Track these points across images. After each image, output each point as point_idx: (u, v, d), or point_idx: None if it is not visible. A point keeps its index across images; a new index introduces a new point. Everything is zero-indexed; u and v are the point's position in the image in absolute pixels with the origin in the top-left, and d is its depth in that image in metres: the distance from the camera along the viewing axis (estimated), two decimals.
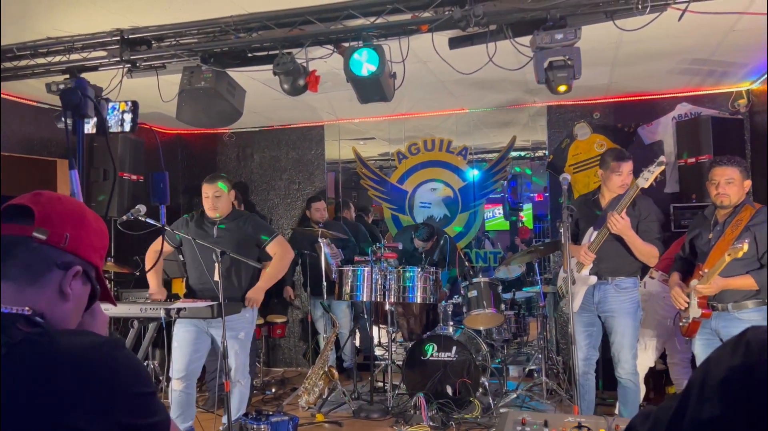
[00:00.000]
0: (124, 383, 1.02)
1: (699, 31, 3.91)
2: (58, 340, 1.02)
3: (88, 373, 0.99)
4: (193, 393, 4.15)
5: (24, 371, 0.96)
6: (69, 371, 0.98)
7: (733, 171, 3.55)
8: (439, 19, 3.20)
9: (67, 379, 0.97)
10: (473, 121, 6.64)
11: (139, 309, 3.47)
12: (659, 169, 3.72)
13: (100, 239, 1.20)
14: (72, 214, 1.14)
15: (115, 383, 1.01)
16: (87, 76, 3.93)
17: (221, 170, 7.23)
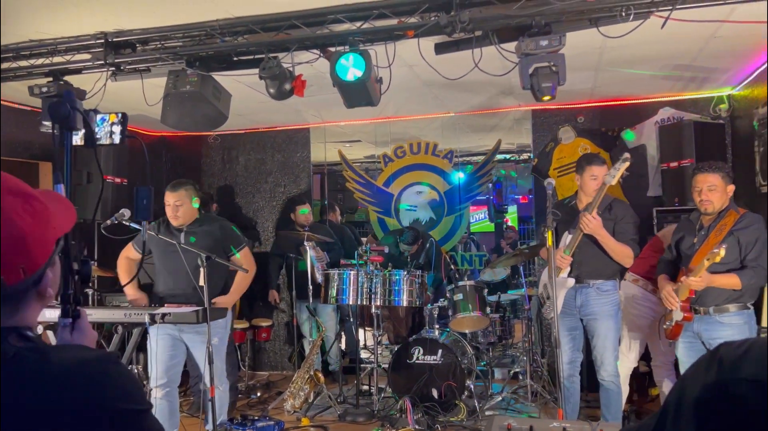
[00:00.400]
0: (114, 399, 1.00)
1: (681, 37, 3.95)
2: (49, 356, 1.01)
3: (78, 389, 0.97)
4: (175, 400, 4.11)
5: (15, 387, 0.95)
6: (59, 387, 0.97)
7: (715, 177, 3.59)
8: (426, 24, 3.22)
9: (56, 396, 0.96)
10: (459, 124, 6.67)
11: (123, 315, 3.44)
12: (624, 165, 3.77)
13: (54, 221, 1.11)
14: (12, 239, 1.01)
15: (105, 400, 0.99)
16: (71, 79, 3.92)
17: (206, 173, 7.20)
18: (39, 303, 1.10)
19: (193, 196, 4.14)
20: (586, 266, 4.03)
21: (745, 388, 0.93)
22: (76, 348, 1.16)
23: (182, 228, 4.09)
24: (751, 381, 0.93)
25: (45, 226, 1.07)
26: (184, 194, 4.04)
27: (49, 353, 1.02)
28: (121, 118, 1.95)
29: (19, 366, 0.97)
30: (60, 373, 0.99)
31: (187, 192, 4.07)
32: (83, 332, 1.36)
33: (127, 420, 1.01)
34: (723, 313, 3.57)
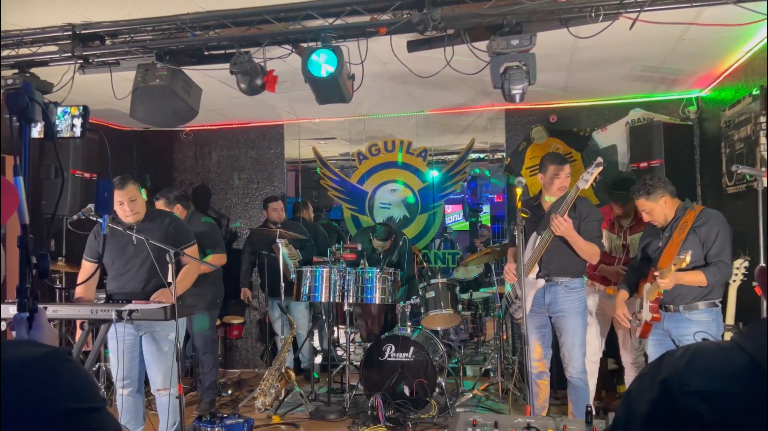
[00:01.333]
0: (65, 398, 0.97)
1: (650, 39, 4.01)
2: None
3: (25, 388, 0.95)
4: (140, 398, 4.02)
5: None
6: (7, 386, 0.93)
7: (642, 202, 3.70)
8: (398, 22, 3.22)
9: (6, 395, 0.93)
10: (433, 123, 6.69)
11: (89, 311, 3.39)
12: (597, 170, 3.84)
13: None
14: None
15: (53, 399, 0.96)
16: (37, 71, 3.85)
17: (178, 169, 7.12)
18: None
19: (140, 187, 3.94)
20: (553, 264, 4.09)
21: (695, 401, 0.92)
22: (25, 344, 1.13)
23: (134, 225, 3.89)
24: (699, 393, 0.93)
25: None
26: (134, 188, 3.83)
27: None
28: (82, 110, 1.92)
29: None
30: (8, 371, 0.96)
31: (135, 185, 3.87)
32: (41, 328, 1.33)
33: (78, 419, 0.98)
34: (692, 311, 3.64)
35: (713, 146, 5.19)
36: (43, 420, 0.94)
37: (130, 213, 3.83)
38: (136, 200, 3.85)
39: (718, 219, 3.62)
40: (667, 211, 3.69)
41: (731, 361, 0.97)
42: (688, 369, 0.98)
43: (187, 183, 7.08)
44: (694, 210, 3.65)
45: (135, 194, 3.84)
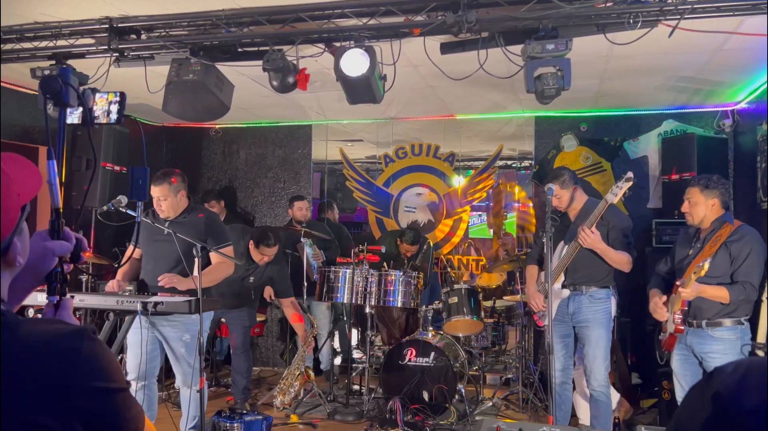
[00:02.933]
0: (84, 377, 0.96)
1: (688, 48, 3.94)
2: (20, 330, 0.97)
3: (46, 365, 0.94)
4: (153, 393, 4.03)
5: None
6: (28, 363, 0.93)
7: (694, 191, 3.61)
8: (432, 23, 3.20)
9: (24, 371, 0.92)
10: (461, 128, 6.65)
11: (115, 302, 3.41)
12: (627, 184, 3.79)
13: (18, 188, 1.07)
14: None
15: (73, 376, 0.95)
16: (74, 63, 3.90)
17: (206, 165, 7.18)
18: (8, 273, 1.06)
19: (179, 189, 3.98)
20: (578, 273, 4.03)
21: (751, 421, 0.89)
22: (51, 322, 1.12)
23: (167, 219, 3.99)
24: (754, 411, 0.90)
25: (6, 194, 1.03)
26: (168, 188, 3.91)
27: (20, 326, 0.98)
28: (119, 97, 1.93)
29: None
30: (29, 347, 0.95)
31: (171, 186, 3.93)
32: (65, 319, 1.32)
33: (97, 398, 0.97)
34: (715, 327, 3.55)
35: (748, 160, 5.08)
36: (64, 396, 0.94)
37: (158, 209, 3.96)
38: (165, 200, 3.93)
39: (752, 238, 3.52)
40: (709, 214, 3.59)
41: None
42: (743, 387, 0.94)
43: (214, 180, 7.14)
44: (732, 225, 3.56)
45: (167, 194, 3.91)
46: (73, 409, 0.94)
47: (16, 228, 1.05)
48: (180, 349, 3.90)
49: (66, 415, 0.93)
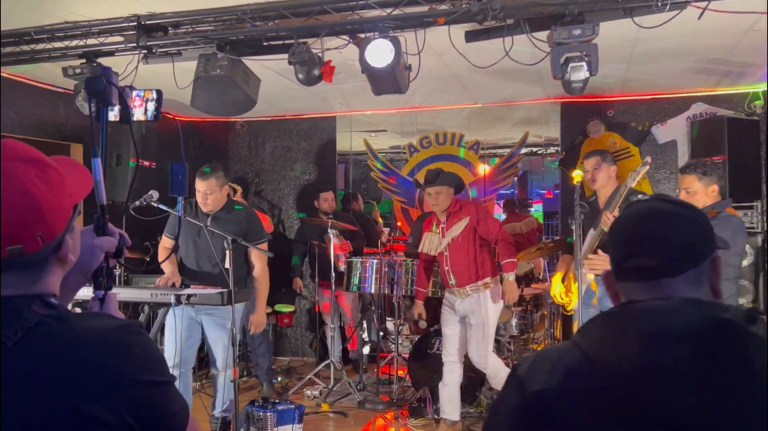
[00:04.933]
0: (135, 370, 1.00)
1: (717, 30, 3.87)
2: (72, 324, 1.01)
3: (98, 358, 0.97)
4: (188, 380, 4.15)
5: (37, 355, 0.95)
6: (80, 356, 0.97)
7: (692, 179, 3.51)
8: (456, 11, 3.19)
9: (77, 364, 0.96)
10: (486, 115, 6.62)
11: (149, 294, 3.49)
12: (645, 168, 3.73)
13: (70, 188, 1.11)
14: (25, 207, 1.00)
15: (125, 370, 0.99)
16: (103, 61, 3.97)
17: (233, 159, 7.25)
18: (60, 269, 1.10)
19: (223, 183, 4.12)
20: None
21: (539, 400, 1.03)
22: (101, 316, 1.16)
23: (210, 213, 4.10)
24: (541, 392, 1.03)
25: (61, 193, 1.07)
26: (214, 183, 4.02)
27: (72, 320, 1.02)
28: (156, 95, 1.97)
29: (42, 333, 0.97)
30: (81, 341, 0.99)
31: (217, 180, 4.05)
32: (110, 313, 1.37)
33: (148, 391, 1.01)
34: None
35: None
36: (117, 389, 0.97)
37: (203, 203, 4.06)
38: (212, 194, 4.02)
39: (728, 226, 3.30)
40: (708, 201, 3.46)
41: (567, 358, 1.06)
42: (529, 373, 1.08)
43: (241, 173, 7.21)
44: (714, 212, 3.42)
45: (213, 188, 4.01)
46: (124, 401, 0.97)
47: (68, 226, 1.08)
48: (223, 335, 4.00)
49: (117, 407, 0.96)
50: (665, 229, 1.15)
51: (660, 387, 0.95)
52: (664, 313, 1.03)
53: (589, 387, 1.00)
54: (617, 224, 1.21)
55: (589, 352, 1.04)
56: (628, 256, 1.15)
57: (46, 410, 0.93)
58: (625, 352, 0.99)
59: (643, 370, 0.96)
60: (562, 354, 1.08)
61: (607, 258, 3.37)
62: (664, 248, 1.13)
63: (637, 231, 1.16)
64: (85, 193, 1.17)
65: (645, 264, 1.12)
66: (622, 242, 1.17)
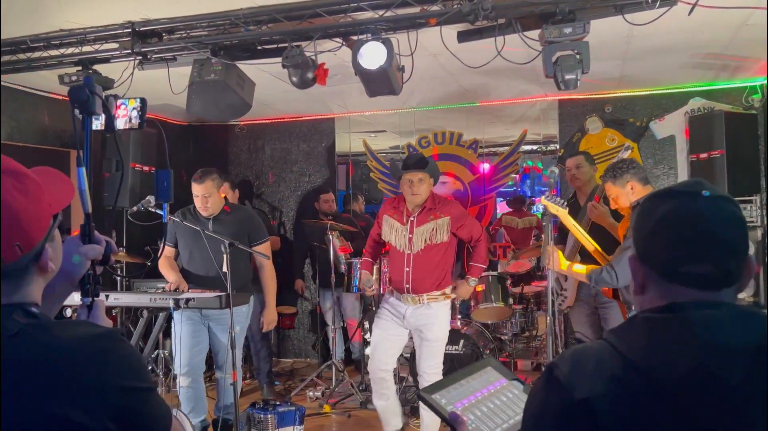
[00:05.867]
0: (116, 376, 1.01)
1: (711, 25, 3.87)
2: (53, 332, 1.03)
3: (79, 366, 0.99)
4: (200, 386, 4.16)
5: (18, 363, 0.96)
6: (61, 363, 0.98)
7: (609, 187, 3.51)
8: (448, 12, 3.20)
9: (59, 371, 0.97)
10: (484, 114, 6.63)
11: (148, 299, 3.51)
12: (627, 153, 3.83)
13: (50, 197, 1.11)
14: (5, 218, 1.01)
15: (106, 376, 1.00)
16: (99, 68, 4.00)
17: (233, 162, 7.27)
18: (41, 278, 1.12)
19: (220, 185, 4.16)
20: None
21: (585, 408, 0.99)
22: (82, 324, 1.18)
23: (210, 217, 4.12)
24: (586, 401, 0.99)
25: (39, 203, 1.08)
26: (211, 185, 4.04)
27: (53, 329, 1.04)
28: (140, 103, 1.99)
29: (22, 342, 0.99)
30: (63, 349, 1.00)
31: (214, 182, 4.07)
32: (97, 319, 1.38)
33: (129, 397, 1.02)
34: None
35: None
36: (97, 394, 0.99)
37: (203, 207, 4.06)
38: (210, 196, 4.04)
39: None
40: (633, 198, 3.43)
41: (609, 363, 1.02)
42: (571, 377, 1.03)
43: (241, 176, 7.23)
44: None
45: (211, 191, 4.04)
46: (105, 407, 0.99)
47: (47, 235, 1.10)
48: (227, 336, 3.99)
49: (98, 413, 0.98)
50: (734, 236, 1.05)
51: (711, 400, 0.93)
52: (719, 325, 0.98)
53: (637, 394, 0.97)
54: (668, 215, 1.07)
55: (632, 357, 0.99)
56: (687, 259, 1.04)
57: (27, 418, 0.94)
58: (676, 361, 0.96)
59: (695, 382, 0.94)
60: (602, 357, 1.03)
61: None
62: (733, 258, 1.04)
63: (704, 233, 1.04)
64: (65, 202, 1.18)
65: (709, 274, 1.03)
66: (678, 240, 1.05)
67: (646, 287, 1.10)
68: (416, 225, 3.89)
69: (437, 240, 3.85)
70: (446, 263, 3.96)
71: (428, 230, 3.86)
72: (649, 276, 1.09)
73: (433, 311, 3.89)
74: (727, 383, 0.93)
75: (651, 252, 1.08)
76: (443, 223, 3.86)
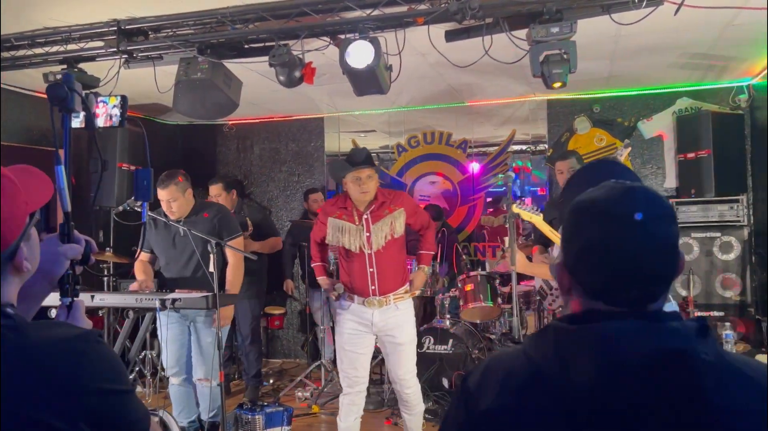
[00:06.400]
0: (91, 379, 0.99)
1: (697, 25, 3.89)
2: (28, 333, 1.01)
3: (54, 367, 0.97)
4: (190, 387, 4.14)
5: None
6: (35, 365, 0.96)
7: (564, 164, 3.60)
8: (435, 11, 3.19)
9: (32, 373, 0.95)
10: (473, 114, 6.63)
11: (134, 300, 3.48)
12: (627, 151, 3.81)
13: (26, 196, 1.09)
14: None
15: (81, 378, 0.98)
16: (84, 66, 3.96)
17: (221, 161, 7.24)
18: (17, 278, 1.09)
19: (186, 188, 4.04)
20: None
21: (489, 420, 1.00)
22: (58, 325, 1.15)
23: (179, 220, 4.04)
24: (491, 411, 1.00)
25: (13, 202, 1.05)
26: (175, 189, 3.95)
27: (28, 330, 1.01)
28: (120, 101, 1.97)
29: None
30: (38, 351, 0.98)
31: (178, 186, 3.98)
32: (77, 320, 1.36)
33: (104, 400, 1.00)
34: None
35: (765, 135, 5.01)
36: (71, 397, 0.97)
37: (168, 211, 4.00)
38: (176, 200, 3.97)
39: None
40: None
41: (519, 371, 1.01)
42: (480, 386, 1.04)
43: (230, 176, 7.19)
44: None
45: (176, 195, 3.95)
46: (79, 410, 0.97)
47: (22, 234, 1.08)
48: (207, 339, 3.97)
49: (72, 416, 0.96)
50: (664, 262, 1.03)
51: (609, 415, 0.93)
52: (621, 338, 0.97)
53: (540, 405, 0.97)
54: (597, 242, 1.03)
55: (541, 365, 1.00)
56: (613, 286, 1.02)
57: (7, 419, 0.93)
58: (578, 374, 0.96)
59: (595, 395, 0.94)
60: (513, 366, 1.03)
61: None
62: (662, 284, 1.04)
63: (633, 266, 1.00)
64: (42, 201, 1.16)
65: (636, 298, 1.01)
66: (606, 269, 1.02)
67: (571, 292, 1.09)
68: (372, 222, 3.64)
69: (397, 234, 3.65)
70: (404, 258, 3.78)
71: (387, 224, 3.64)
72: (574, 285, 1.08)
73: (401, 312, 3.71)
74: (624, 401, 0.93)
75: (578, 271, 1.06)
76: (399, 215, 3.66)
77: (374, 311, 3.65)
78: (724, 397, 0.93)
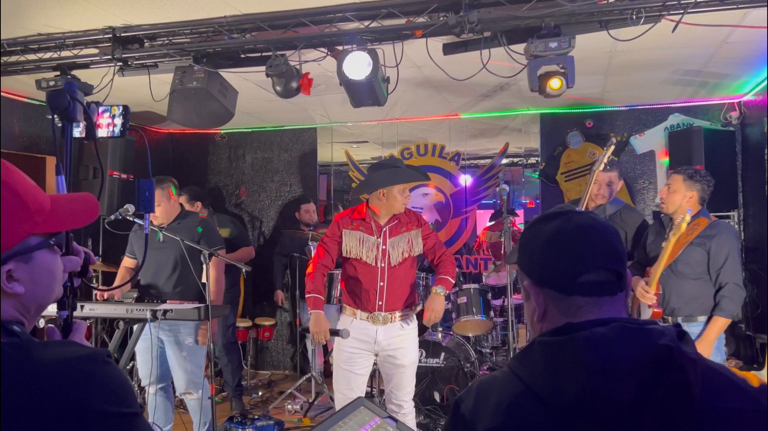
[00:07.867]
0: (99, 401, 0.96)
1: (692, 42, 3.92)
2: (33, 352, 0.97)
3: (60, 389, 0.94)
4: (168, 396, 4.09)
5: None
6: (40, 385, 0.93)
7: (677, 180, 3.55)
8: (434, 24, 3.20)
9: (38, 394, 0.92)
10: (466, 127, 6.64)
11: (125, 310, 3.42)
12: (610, 149, 3.81)
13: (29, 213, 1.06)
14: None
15: (88, 400, 0.95)
16: (78, 73, 3.92)
17: (213, 170, 7.19)
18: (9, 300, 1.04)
19: (171, 193, 4.03)
20: None
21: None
22: (64, 344, 1.11)
23: (162, 225, 4.00)
24: None
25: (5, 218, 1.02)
26: (160, 194, 3.93)
27: (33, 349, 0.98)
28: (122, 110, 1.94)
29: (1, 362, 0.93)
30: (42, 371, 0.95)
31: (163, 191, 3.96)
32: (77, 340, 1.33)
33: (111, 423, 0.97)
34: (690, 322, 3.46)
35: (756, 153, 5.05)
36: (78, 419, 0.93)
37: (153, 216, 3.94)
38: (160, 205, 3.94)
39: (729, 235, 3.45)
40: (685, 205, 3.49)
41: (510, 391, 1.03)
42: (475, 411, 1.05)
43: (221, 185, 7.15)
44: (709, 219, 3.51)
45: (159, 199, 3.93)
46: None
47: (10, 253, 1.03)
48: (182, 352, 3.91)
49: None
50: (616, 241, 1.14)
51: (603, 422, 0.94)
52: (607, 344, 0.99)
53: (535, 422, 0.98)
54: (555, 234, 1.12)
55: (531, 384, 1.01)
56: (582, 269, 1.09)
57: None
58: (569, 386, 0.97)
59: (587, 405, 0.95)
60: (503, 387, 1.05)
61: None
62: (621, 262, 1.11)
63: (592, 242, 1.10)
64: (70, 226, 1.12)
65: (604, 280, 1.09)
66: (571, 253, 1.10)
67: (547, 312, 1.13)
68: (389, 236, 3.59)
69: (414, 253, 3.62)
70: (413, 276, 3.74)
71: (404, 241, 3.60)
72: (548, 297, 1.12)
73: (405, 332, 3.63)
74: (616, 403, 0.94)
75: (547, 272, 1.12)
76: (416, 235, 3.64)
77: (378, 328, 3.57)
78: (708, 392, 0.97)
